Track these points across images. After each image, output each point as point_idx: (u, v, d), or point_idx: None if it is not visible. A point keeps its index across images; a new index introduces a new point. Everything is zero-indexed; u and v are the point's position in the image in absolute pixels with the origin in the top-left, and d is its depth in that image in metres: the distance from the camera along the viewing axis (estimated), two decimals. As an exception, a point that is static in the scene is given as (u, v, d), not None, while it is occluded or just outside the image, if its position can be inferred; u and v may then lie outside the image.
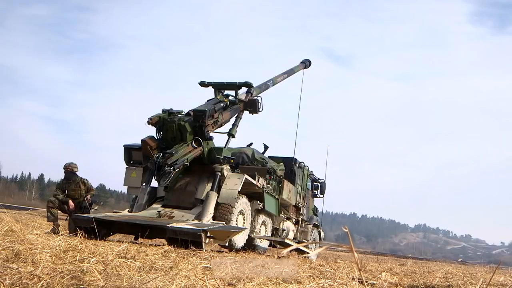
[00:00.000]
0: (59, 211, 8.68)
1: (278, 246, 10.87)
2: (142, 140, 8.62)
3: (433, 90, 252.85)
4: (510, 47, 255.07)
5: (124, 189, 9.92)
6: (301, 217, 12.65)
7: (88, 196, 8.81)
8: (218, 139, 9.59)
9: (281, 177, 10.81)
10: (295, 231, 12.40)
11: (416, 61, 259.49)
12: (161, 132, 8.75)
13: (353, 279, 3.48)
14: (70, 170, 8.94)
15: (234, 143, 10.26)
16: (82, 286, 2.46)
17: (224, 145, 9.32)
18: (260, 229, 9.84)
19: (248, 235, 9.21)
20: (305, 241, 12.32)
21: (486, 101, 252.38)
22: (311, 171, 13.62)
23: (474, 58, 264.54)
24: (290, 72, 12.82)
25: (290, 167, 11.93)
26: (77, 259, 3.05)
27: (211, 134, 9.06)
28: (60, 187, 8.96)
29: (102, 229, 7.49)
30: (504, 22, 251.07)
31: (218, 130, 9.46)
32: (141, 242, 6.79)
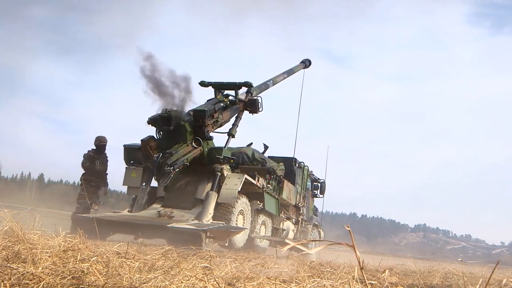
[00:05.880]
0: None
1: (278, 246, 10.88)
2: (142, 140, 8.63)
3: (432, 90, 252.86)
4: (508, 48, 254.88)
5: (124, 189, 9.96)
6: (301, 217, 12.67)
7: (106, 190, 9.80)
8: (218, 139, 9.60)
9: (281, 177, 10.81)
10: (295, 231, 12.41)
11: (415, 62, 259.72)
12: (161, 132, 8.76)
13: (353, 278, 3.48)
14: (103, 144, 9.70)
15: (234, 143, 10.27)
16: (82, 286, 2.46)
17: (224, 145, 9.33)
18: (260, 229, 9.84)
19: (248, 235, 9.21)
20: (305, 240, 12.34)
21: (485, 101, 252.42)
22: (311, 171, 13.63)
23: (472, 59, 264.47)
24: (290, 72, 12.84)
25: (290, 167, 11.94)
26: (78, 259, 3.05)
27: (211, 134, 9.07)
28: (89, 158, 9.57)
29: (102, 229, 7.49)
30: (502, 23, 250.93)
31: (218, 130, 9.47)
32: (141, 242, 6.79)
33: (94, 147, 9.77)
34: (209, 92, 9.90)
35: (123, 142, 9.36)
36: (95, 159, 9.57)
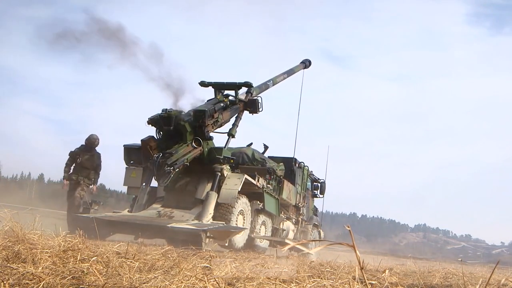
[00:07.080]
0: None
1: (278, 246, 10.88)
2: (142, 140, 8.62)
3: (431, 90, 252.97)
4: (508, 48, 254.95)
5: (124, 189, 9.96)
6: (301, 217, 12.66)
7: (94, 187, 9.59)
8: (218, 139, 9.60)
9: (281, 177, 10.81)
10: (295, 231, 12.41)
11: (415, 62, 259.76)
12: (161, 132, 8.76)
13: (353, 278, 3.48)
14: (92, 141, 9.58)
15: (234, 143, 10.28)
16: (82, 286, 2.46)
17: (224, 145, 9.33)
18: (260, 229, 9.84)
19: (248, 235, 9.21)
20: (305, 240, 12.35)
21: (485, 101, 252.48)
22: (311, 171, 13.63)
23: (472, 59, 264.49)
24: (290, 72, 12.83)
25: (290, 167, 11.93)
26: (78, 259, 3.05)
27: (211, 134, 9.07)
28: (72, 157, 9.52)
29: (102, 229, 7.49)
30: (501, 23, 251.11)
31: (218, 130, 9.47)
32: (141, 242, 6.79)
33: (84, 144, 9.71)
34: (209, 92, 9.91)
35: (123, 142, 9.38)
36: (78, 156, 9.44)
